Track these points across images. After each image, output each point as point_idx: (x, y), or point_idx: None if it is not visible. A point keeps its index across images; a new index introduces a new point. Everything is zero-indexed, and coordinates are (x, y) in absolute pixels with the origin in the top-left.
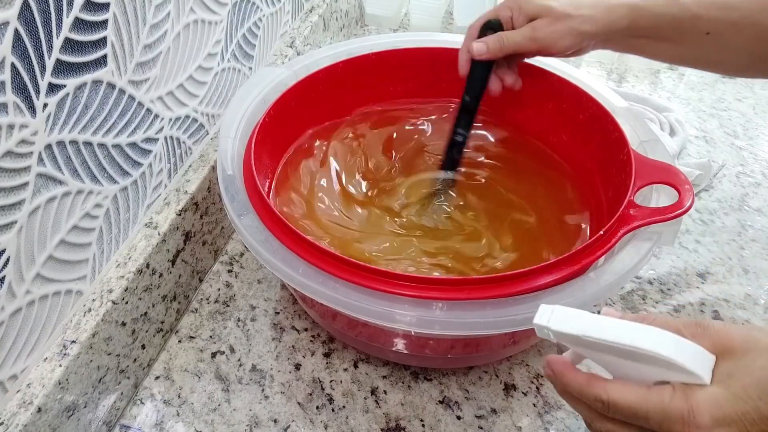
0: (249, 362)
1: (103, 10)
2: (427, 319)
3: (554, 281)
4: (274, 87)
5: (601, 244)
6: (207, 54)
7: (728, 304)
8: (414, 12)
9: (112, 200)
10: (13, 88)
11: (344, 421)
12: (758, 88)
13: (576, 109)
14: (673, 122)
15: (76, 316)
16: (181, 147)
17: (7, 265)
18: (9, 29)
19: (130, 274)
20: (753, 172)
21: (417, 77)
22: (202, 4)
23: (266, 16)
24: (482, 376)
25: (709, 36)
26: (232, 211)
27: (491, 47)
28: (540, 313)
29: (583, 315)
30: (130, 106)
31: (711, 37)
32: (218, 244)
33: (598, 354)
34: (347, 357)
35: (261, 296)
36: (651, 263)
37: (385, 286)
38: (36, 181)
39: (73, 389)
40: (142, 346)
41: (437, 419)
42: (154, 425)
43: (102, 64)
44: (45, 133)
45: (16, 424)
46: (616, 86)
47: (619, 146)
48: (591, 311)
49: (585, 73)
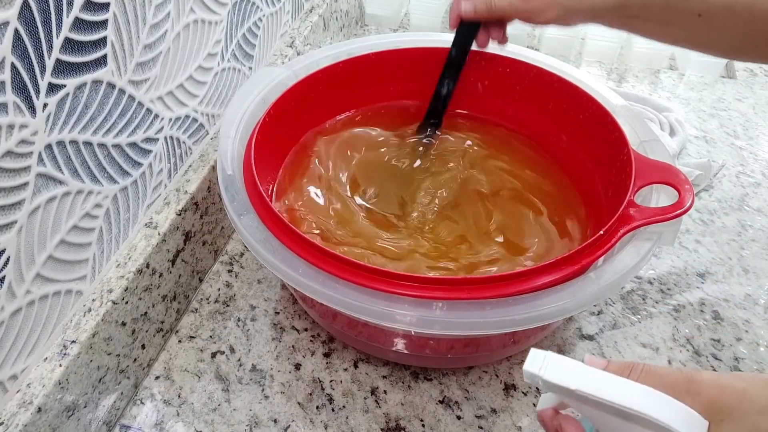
0: (249, 362)
1: (103, 10)
2: (427, 319)
3: (554, 281)
4: (274, 87)
5: (601, 244)
6: (207, 54)
7: (728, 304)
8: (414, 12)
9: (112, 200)
10: (13, 88)
11: (344, 421)
12: (758, 88)
13: (576, 109)
14: (673, 122)
15: (76, 316)
16: (181, 147)
17: (7, 265)
18: (9, 29)
19: (130, 274)
20: (753, 172)
21: (417, 77)
22: (202, 4)
23: (266, 16)
24: (482, 376)
25: (701, 18)
26: (232, 211)
27: (478, 10)
28: (531, 359)
29: (577, 366)
30: (130, 106)
31: (703, 18)
32: (218, 244)
33: (587, 408)
34: (347, 357)
35: (261, 296)
36: (651, 263)
37: (385, 286)
38: (36, 181)
39: (73, 389)
40: (142, 346)
41: (437, 419)
42: (154, 425)
43: (102, 64)
44: (45, 133)
45: (16, 424)
46: (616, 86)
47: (619, 146)
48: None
49: (585, 72)
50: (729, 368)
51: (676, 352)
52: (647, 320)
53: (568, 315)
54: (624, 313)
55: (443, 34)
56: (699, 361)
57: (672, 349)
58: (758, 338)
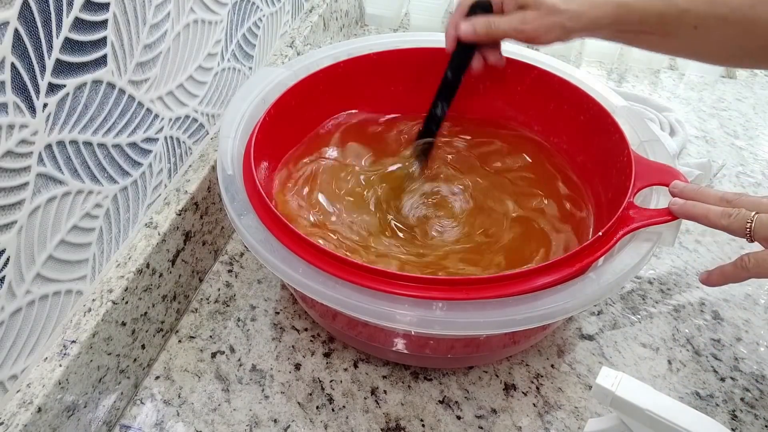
0: (249, 362)
1: (103, 10)
2: (427, 319)
3: (554, 281)
4: (274, 87)
5: (601, 244)
6: (207, 54)
7: (728, 304)
8: (414, 12)
9: (112, 200)
10: (13, 88)
11: (344, 421)
12: (758, 88)
13: (576, 110)
14: (673, 122)
15: (76, 316)
16: (181, 147)
17: (7, 265)
18: (9, 29)
19: (130, 274)
20: (753, 172)
21: (417, 77)
22: (202, 4)
23: (266, 16)
24: (482, 376)
25: (696, 30)
26: (232, 211)
27: (478, 31)
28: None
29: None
30: (130, 106)
31: (699, 31)
32: (218, 244)
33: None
34: (347, 357)
35: (261, 296)
36: (651, 263)
37: (385, 286)
38: (36, 181)
39: (73, 389)
40: (142, 346)
41: (437, 419)
42: (154, 425)
43: (102, 64)
44: (45, 133)
45: (16, 424)
46: (616, 86)
47: (619, 148)
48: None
49: (585, 73)
50: (729, 368)
51: (676, 352)
52: (647, 320)
53: (568, 315)
54: (624, 313)
55: (443, 34)
56: (699, 361)
57: (672, 349)
58: (758, 338)
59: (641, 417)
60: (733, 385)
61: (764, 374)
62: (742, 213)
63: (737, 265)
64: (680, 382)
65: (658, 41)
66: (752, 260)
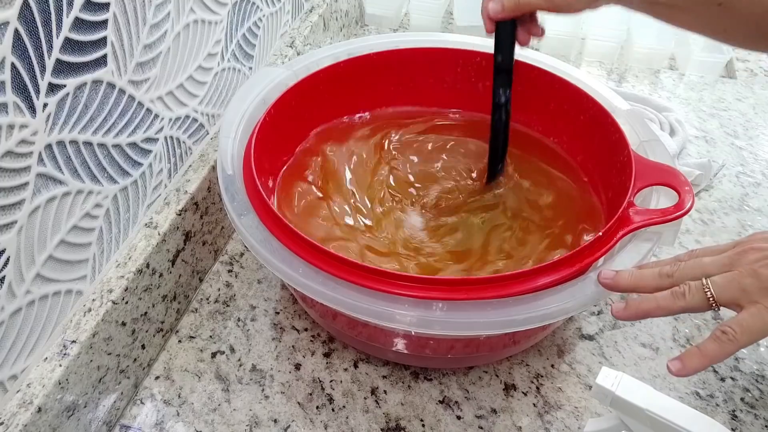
0: (249, 362)
1: (103, 10)
2: (427, 319)
3: (554, 281)
4: (274, 87)
5: (601, 244)
6: (207, 54)
7: None
8: (414, 12)
9: (112, 200)
10: (13, 88)
11: (344, 421)
12: (758, 88)
13: (577, 110)
14: (673, 122)
15: (76, 316)
16: (181, 147)
17: (7, 265)
18: (9, 29)
19: (130, 274)
20: (753, 172)
21: (417, 77)
22: (202, 4)
23: (266, 16)
24: (482, 376)
25: (721, 7)
26: (232, 211)
27: (507, 6)
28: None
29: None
30: (130, 106)
31: (723, 8)
32: (218, 244)
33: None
34: (347, 357)
35: (261, 296)
36: None
37: (385, 286)
38: (36, 181)
39: (73, 389)
40: (142, 346)
41: (437, 419)
42: (154, 425)
43: (102, 64)
44: (45, 133)
45: (16, 424)
46: (616, 86)
47: (619, 148)
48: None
49: (585, 73)
50: (729, 368)
51: (676, 352)
52: (647, 320)
53: (568, 315)
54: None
55: (443, 35)
56: None
57: (672, 349)
58: None
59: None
60: (733, 385)
61: (764, 374)
62: (694, 286)
63: (722, 340)
64: (680, 382)
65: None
66: (737, 329)
